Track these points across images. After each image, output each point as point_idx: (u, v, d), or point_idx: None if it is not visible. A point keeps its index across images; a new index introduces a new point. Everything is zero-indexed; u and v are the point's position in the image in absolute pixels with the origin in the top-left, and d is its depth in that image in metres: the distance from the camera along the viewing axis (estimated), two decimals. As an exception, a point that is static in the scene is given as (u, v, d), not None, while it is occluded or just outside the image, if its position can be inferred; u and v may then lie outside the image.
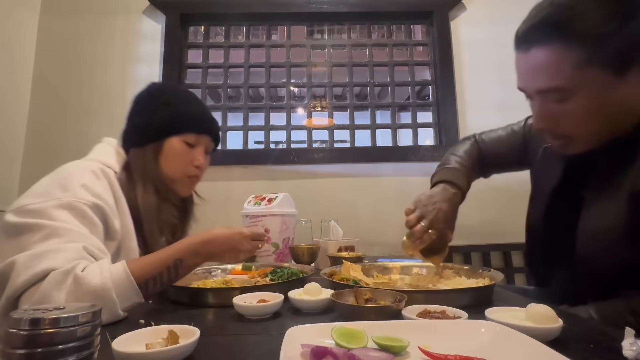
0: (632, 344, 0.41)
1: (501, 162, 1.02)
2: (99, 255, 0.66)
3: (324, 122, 2.14)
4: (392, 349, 0.40)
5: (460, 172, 0.94)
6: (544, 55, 0.63)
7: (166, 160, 0.86)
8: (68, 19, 1.91)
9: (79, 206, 0.68)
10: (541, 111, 0.69)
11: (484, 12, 1.94)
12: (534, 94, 0.69)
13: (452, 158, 1.00)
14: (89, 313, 0.33)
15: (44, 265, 0.59)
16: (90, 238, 0.67)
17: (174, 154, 0.86)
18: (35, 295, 0.57)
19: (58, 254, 0.60)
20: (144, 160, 0.85)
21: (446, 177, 0.92)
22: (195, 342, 0.44)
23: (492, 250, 1.75)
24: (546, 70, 0.64)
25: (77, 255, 0.62)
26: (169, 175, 0.87)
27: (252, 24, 2.06)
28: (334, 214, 1.50)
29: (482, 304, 0.62)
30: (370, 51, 2.02)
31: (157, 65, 1.88)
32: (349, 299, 0.62)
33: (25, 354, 0.30)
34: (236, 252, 0.76)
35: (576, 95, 0.63)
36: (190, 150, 0.88)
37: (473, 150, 1.02)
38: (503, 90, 1.85)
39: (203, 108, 0.94)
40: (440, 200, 0.85)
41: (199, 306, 0.70)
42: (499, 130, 1.03)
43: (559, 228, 0.77)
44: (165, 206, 0.88)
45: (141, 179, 0.84)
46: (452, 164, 0.97)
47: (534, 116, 0.71)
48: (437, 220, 0.82)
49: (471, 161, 0.99)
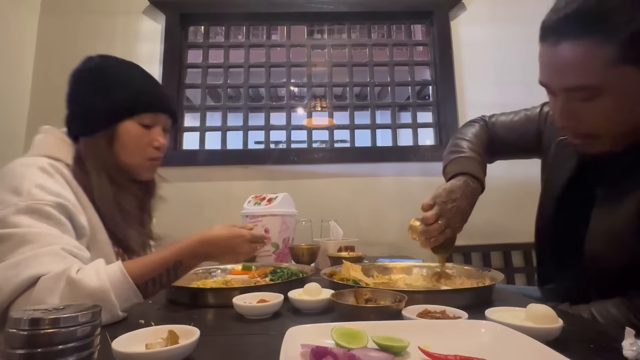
0: (632, 344, 0.41)
1: (511, 148, 0.96)
2: (80, 255, 0.64)
3: (324, 122, 2.13)
4: (392, 349, 0.40)
5: (478, 161, 0.88)
6: (575, 50, 0.59)
7: (123, 147, 0.79)
8: (68, 19, 1.91)
9: (40, 208, 0.64)
10: (565, 109, 0.65)
11: (484, 12, 1.94)
12: (559, 91, 0.64)
13: (464, 144, 0.92)
14: (88, 313, 0.33)
15: (27, 273, 0.57)
16: (63, 238, 0.64)
17: (130, 139, 0.80)
18: (28, 304, 0.55)
19: (38, 259, 0.58)
20: (96, 150, 0.78)
21: (465, 169, 0.85)
22: (195, 343, 0.44)
23: (493, 250, 1.75)
24: (576, 67, 0.60)
25: (57, 257, 0.60)
26: (128, 161, 0.81)
27: (252, 24, 2.06)
28: (334, 214, 1.50)
29: (482, 304, 0.62)
30: (370, 51, 2.02)
31: (157, 65, 1.88)
32: (349, 299, 0.62)
33: (24, 354, 0.30)
34: (235, 254, 0.75)
35: (604, 94, 0.60)
36: (147, 132, 0.82)
37: (483, 134, 0.96)
38: (503, 90, 1.85)
39: (154, 83, 0.87)
40: (460, 196, 0.80)
41: (199, 306, 0.70)
42: (511, 114, 0.97)
43: (569, 224, 0.75)
44: (124, 197, 0.81)
45: (95, 170, 0.77)
46: (467, 152, 0.90)
47: (556, 113, 0.66)
48: (455, 219, 0.79)
49: (483, 147, 0.93)
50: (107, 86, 0.79)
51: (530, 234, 0.89)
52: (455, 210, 0.79)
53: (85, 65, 0.82)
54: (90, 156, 0.77)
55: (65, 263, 0.60)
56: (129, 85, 0.81)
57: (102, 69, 0.81)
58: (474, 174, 0.85)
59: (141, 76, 0.85)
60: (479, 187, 0.85)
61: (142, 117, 0.80)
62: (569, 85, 0.62)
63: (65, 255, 0.61)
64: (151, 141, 0.83)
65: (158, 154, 0.85)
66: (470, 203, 0.82)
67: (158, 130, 0.84)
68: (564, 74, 0.62)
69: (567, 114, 0.65)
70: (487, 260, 1.74)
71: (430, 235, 0.79)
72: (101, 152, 0.78)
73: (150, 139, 0.83)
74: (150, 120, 0.82)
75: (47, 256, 0.59)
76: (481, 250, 1.75)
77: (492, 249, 1.75)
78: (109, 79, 0.80)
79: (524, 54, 1.86)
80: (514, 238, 1.73)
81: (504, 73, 1.88)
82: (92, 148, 0.78)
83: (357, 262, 0.93)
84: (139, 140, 0.81)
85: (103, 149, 0.78)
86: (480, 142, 0.93)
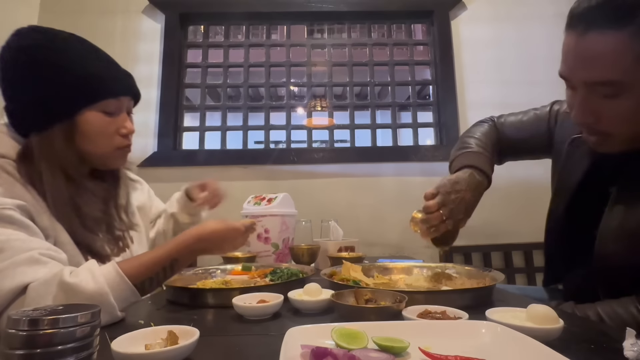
0: (633, 345, 0.41)
1: (520, 148, 0.94)
2: (58, 257, 0.61)
3: (324, 121, 2.13)
4: (392, 349, 0.40)
5: (485, 156, 0.86)
6: (605, 42, 0.55)
7: (86, 139, 0.71)
8: (67, 18, 1.91)
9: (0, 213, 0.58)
10: (585, 104, 0.61)
11: (484, 12, 1.94)
12: (580, 84, 0.61)
13: (472, 141, 0.90)
14: (88, 314, 0.33)
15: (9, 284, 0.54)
16: (33, 241, 0.60)
17: (93, 129, 0.71)
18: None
19: (17, 268, 0.55)
20: (52, 146, 0.68)
21: (472, 162, 0.83)
22: (194, 343, 0.44)
23: (493, 250, 1.75)
24: (603, 61, 0.56)
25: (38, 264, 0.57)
26: (95, 152, 0.73)
27: (252, 23, 2.06)
28: (334, 214, 1.50)
29: (483, 304, 0.62)
30: (370, 50, 2.02)
31: (156, 65, 1.88)
32: (349, 300, 0.61)
33: (24, 354, 0.30)
34: (231, 246, 0.74)
35: (629, 92, 0.57)
36: (112, 119, 0.73)
37: (492, 134, 0.94)
38: (504, 90, 1.85)
39: (110, 61, 0.76)
40: (465, 188, 0.78)
41: (199, 307, 0.69)
42: (520, 114, 0.95)
43: (580, 223, 0.74)
44: (83, 198, 0.71)
45: (49, 169, 0.67)
46: (474, 148, 0.87)
47: (575, 108, 0.63)
48: (458, 211, 0.77)
49: (491, 145, 0.91)
50: (56, 71, 0.67)
51: (530, 234, 0.89)
52: (458, 202, 0.77)
53: (20, 43, 0.67)
54: (45, 153, 0.67)
55: (50, 268, 0.58)
56: (83, 67, 0.70)
57: (43, 49, 0.67)
58: (480, 167, 0.83)
59: (93, 55, 0.74)
60: (485, 180, 0.83)
61: (104, 104, 0.72)
62: (593, 78, 0.58)
63: (46, 260, 0.58)
64: (118, 129, 0.75)
65: (127, 142, 0.78)
66: (474, 196, 0.80)
67: (124, 116, 0.76)
68: (590, 66, 0.58)
69: (586, 109, 0.61)
70: (488, 261, 1.73)
71: (430, 223, 0.77)
72: (57, 148, 0.68)
73: (116, 126, 0.74)
74: (113, 107, 0.73)
75: (26, 264, 0.56)
76: (481, 250, 1.74)
77: (493, 249, 1.75)
78: (55, 61, 0.68)
79: (525, 53, 1.87)
80: (514, 238, 1.73)
81: (504, 72, 1.88)
82: (46, 144, 0.68)
83: (357, 262, 0.92)
84: (103, 130, 0.72)
85: (60, 145, 0.68)
86: (489, 140, 0.92)
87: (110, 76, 0.74)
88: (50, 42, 0.69)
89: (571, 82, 0.63)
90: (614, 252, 0.67)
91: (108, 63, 0.76)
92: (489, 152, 0.89)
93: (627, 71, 0.56)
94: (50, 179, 0.67)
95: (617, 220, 0.67)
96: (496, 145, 0.93)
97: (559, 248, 0.84)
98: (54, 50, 0.69)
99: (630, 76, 0.56)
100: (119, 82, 0.75)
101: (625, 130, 0.62)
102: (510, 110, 1.00)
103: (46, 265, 0.58)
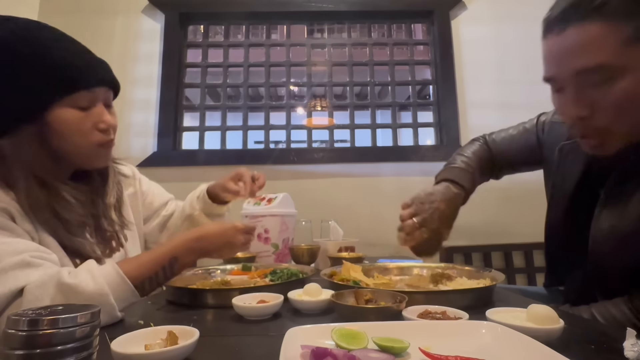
0: (634, 345, 0.40)
1: (513, 161, 0.98)
2: (48, 257, 0.60)
3: (324, 121, 2.13)
4: (392, 350, 0.40)
5: (466, 172, 0.91)
6: (586, 31, 0.56)
7: (61, 139, 0.65)
8: (67, 18, 1.90)
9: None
10: (578, 97, 0.60)
11: (484, 11, 1.94)
12: (570, 78, 0.60)
13: (458, 158, 0.96)
14: (87, 314, 0.33)
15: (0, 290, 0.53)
16: (20, 243, 0.59)
17: (67, 127, 0.65)
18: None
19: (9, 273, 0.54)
20: (22, 150, 0.63)
21: (450, 176, 0.89)
22: (194, 343, 0.44)
23: (493, 250, 1.75)
24: (590, 47, 0.56)
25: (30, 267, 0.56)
26: (72, 151, 0.67)
27: (252, 23, 2.06)
28: (334, 214, 1.50)
29: (483, 304, 0.62)
30: (370, 50, 2.02)
31: (156, 65, 1.88)
32: (349, 300, 0.61)
33: (23, 354, 0.30)
34: (231, 246, 0.73)
35: (621, 77, 0.56)
36: (87, 114, 0.67)
37: (482, 152, 0.98)
38: (504, 90, 1.85)
39: (81, 49, 0.69)
40: (439, 199, 0.83)
41: (198, 307, 0.69)
42: (510, 129, 0.99)
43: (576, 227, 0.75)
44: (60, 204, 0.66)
45: (22, 174, 0.63)
46: (457, 164, 0.93)
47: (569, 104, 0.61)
48: (432, 219, 0.80)
49: (479, 163, 0.95)
50: (18, 65, 0.61)
51: (531, 235, 0.89)
52: (432, 211, 0.81)
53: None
54: (16, 158, 0.63)
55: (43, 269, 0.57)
56: (48, 58, 0.63)
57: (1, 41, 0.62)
58: (458, 180, 0.88)
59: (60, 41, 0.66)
60: (462, 193, 0.88)
61: (76, 98, 0.65)
62: (584, 65, 0.57)
63: (38, 262, 0.57)
64: (95, 124, 0.68)
65: (107, 137, 0.70)
66: (449, 207, 0.84)
67: (100, 109, 0.69)
68: (578, 54, 0.57)
69: (580, 102, 0.60)
70: (488, 261, 1.73)
71: (404, 231, 0.81)
72: (29, 152, 0.64)
73: (93, 121, 0.68)
74: (87, 101, 0.66)
75: (17, 268, 0.55)
76: (482, 250, 1.74)
77: (493, 249, 1.74)
78: (15, 54, 0.61)
79: (525, 53, 1.86)
80: (514, 238, 1.73)
81: (504, 72, 1.88)
82: (16, 149, 0.63)
83: (357, 262, 0.92)
84: (78, 127, 0.66)
85: (32, 149, 0.64)
86: (478, 159, 0.96)
87: (81, 65, 0.66)
88: (6, 32, 0.63)
89: (559, 82, 0.63)
90: (606, 253, 0.67)
91: (77, 50, 0.68)
92: (473, 168, 0.93)
93: (615, 54, 0.55)
94: (24, 185, 0.63)
95: (607, 222, 0.67)
96: (487, 161, 0.98)
97: (558, 252, 0.85)
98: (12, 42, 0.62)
99: (618, 59, 0.55)
100: (90, 72, 0.67)
101: (623, 123, 0.60)
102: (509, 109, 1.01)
103: (38, 268, 0.57)
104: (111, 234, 0.78)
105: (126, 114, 1.82)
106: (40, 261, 0.58)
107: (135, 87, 1.85)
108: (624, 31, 0.54)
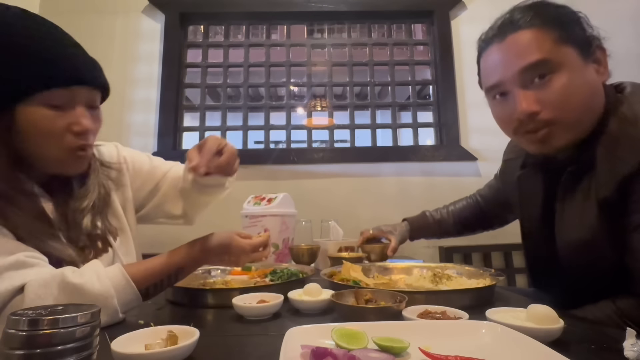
0: (634, 345, 0.40)
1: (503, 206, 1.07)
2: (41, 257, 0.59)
3: (324, 121, 2.13)
4: (392, 349, 0.40)
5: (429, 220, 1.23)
6: (523, 36, 0.67)
7: (29, 139, 0.59)
8: (67, 18, 1.89)
9: None
10: (526, 95, 0.67)
11: (484, 11, 1.94)
12: (515, 77, 0.67)
13: (439, 208, 1.25)
14: (87, 314, 0.33)
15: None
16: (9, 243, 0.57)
17: (35, 128, 0.59)
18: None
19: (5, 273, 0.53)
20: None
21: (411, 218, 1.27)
22: (194, 343, 0.44)
23: (493, 250, 1.75)
24: (528, 47, 0.66)
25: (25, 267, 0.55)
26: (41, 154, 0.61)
27: (252, 23, 2.06)
28: (334, 214, 1.50)
29: (483, 304, 0.62)
30: (370, 50, 2.02)
31: (156, 65, 1.88)
32: (349, 300, 0.61)
33: (24, 354, 0.30)
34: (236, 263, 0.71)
35: (559, 71, 0.65)
36: (61, 114, 0.60)
37: (467, 206, 1.20)
38: (503, 90, 1.85)
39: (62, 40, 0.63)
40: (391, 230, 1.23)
41: (199, 307, 0.69)
42: (491, 181, 1.16)
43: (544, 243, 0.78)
44: (23, 221, 0.59)
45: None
46: (428, 211, 1.26)
47: (518, 104, 0.67)
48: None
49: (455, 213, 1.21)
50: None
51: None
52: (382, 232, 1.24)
53: None
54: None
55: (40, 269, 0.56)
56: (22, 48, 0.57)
57: None
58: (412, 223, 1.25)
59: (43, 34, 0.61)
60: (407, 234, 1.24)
61: (49, 95, 0.58)
62: (526, 62, 0.66)
63: (34, 261, 0.56)
64: (69, 126, 0.61)
65: (82, 142, 0.63)
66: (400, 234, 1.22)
67: (79, 111, 0.62)
68: (519, 55, 0.67)
69: (529, 98, 0.67)
70: (488, 261, 1.73)
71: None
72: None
73: (67, 123, 0.61)
74: (61, 99, 0.60)
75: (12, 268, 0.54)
76: (482, 250, 1.74)
77: (493, 249, 1.74)
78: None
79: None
80: (514, 238, 1.71)
81: (504, 73, 1.88)
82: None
83: (357, 262, 0.92)
84: (49, 128, 0.59)
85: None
86: (457, 210, 1.22)
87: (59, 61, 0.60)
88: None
89: (504, 85, 0.70)
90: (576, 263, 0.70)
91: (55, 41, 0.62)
92: (442, 216, 1.23)
93: (550, 51, 0.65)
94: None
95: (567, 233, 0.71)
96: (473, 212, 1.19)
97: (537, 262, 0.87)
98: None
99: (554, 55, 0.65)
100: (70, 70, 0.60)
101: (567, 114, 0.66)
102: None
103: (33, 268, 0.56)
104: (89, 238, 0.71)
105: (126, 114, 1.83)
106: (35, 260, 0.57)
107: (135, 87, 1.85)
108: (553, 33, 0.66)
